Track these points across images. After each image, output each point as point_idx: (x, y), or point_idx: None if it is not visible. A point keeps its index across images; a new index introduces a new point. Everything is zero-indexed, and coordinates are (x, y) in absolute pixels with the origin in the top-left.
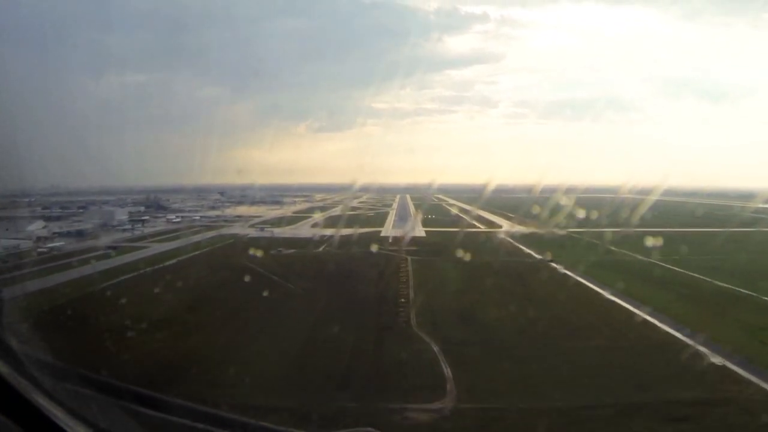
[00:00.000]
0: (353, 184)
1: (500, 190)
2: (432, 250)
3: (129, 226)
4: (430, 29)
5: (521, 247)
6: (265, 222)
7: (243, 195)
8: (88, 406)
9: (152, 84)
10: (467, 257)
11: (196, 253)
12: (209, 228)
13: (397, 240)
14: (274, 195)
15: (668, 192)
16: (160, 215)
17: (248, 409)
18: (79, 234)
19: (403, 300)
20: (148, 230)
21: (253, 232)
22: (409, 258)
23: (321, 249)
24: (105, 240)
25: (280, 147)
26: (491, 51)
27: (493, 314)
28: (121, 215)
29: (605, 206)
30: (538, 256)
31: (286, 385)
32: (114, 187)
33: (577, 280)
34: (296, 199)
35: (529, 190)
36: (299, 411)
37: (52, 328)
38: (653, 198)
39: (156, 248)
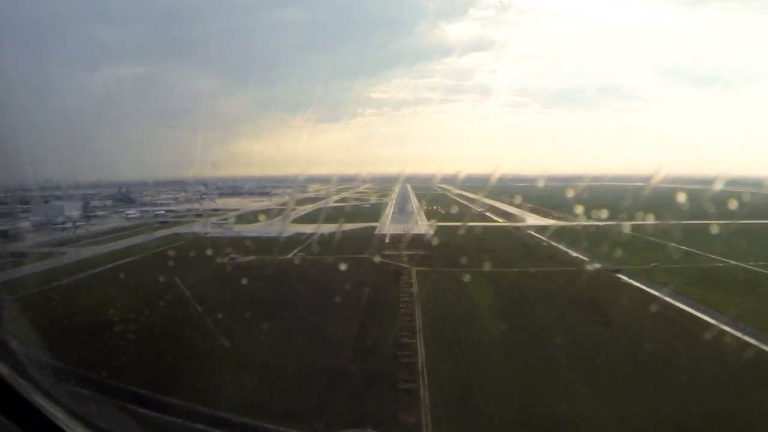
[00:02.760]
0: (352, 175)
1: (504, 179)
2: (444, 256)
3: (71, 225)
4: (428, 16)
5: (562, 248)
6: (240, 216)
7: (231, 186)
8: (88, 406)
9: (148, 77)
10: (497, 266)
11: (121, 262)
12: (167, 225)
13: (396, 240)
14: (266, 186)
15: (676, 180)
16: (121, 210)
17: None
18: (2, 235)
19: (404, 379)
20: (95, 228)
21: (215, 230)
22: (413, 270)
23: (292, 255)
24: (29, 242)
25: (279, 138)
26: (491, 38)
27: (595, 411)
28: (72, 211)
29: (626, 195)
30: (595, 264)
31: None
32: (109, 181)
33: (681, 308)
34: (288, 190)
35: (533, 179)
36: None
37: None
38: (672, 186)
39: (75, 255)
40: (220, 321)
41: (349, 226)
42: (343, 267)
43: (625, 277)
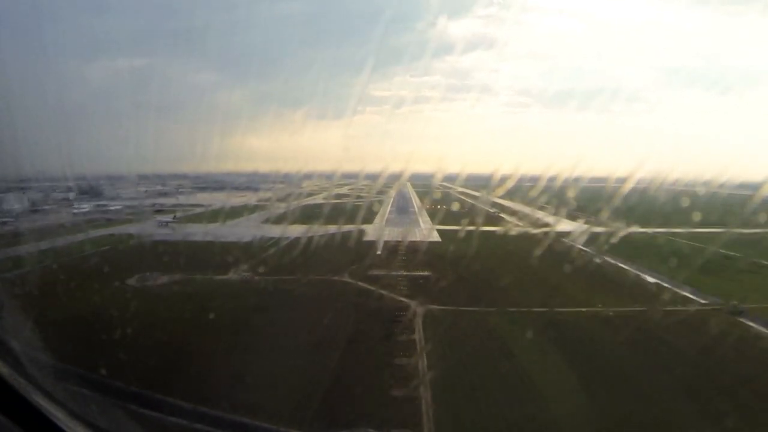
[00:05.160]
0: (352, 172)
1: (506, 179)
2: (463, 279)
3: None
4: (431, 13)
5: (625, 266)
6: (207, 213)
7: (218, 181)
8: (88, 406)
9: (146, 69)
10: (552, 303)
11: None
12: (113, 222)
13: (392, 252)
14: (257, 181)
15: (682, 182)
16: (77, 204)
17: None
18: None
19: None
20: (26, 225)
21: (163, 231)
22: (418, 310)
23: (237, 273)
24: None
25: (278, 134)
26: (493, 36)
27: None
28: (14, 204)
29: (647, 198)
30: (693, 296)
31: None
32: (104, 174)
33: None
34: (279, 185)
35: (536, 178)
36: None
37: None
38: (680, 189)
39: None
40: None
41: (333, 229)
42: (304, 301)
43: (762, 328)
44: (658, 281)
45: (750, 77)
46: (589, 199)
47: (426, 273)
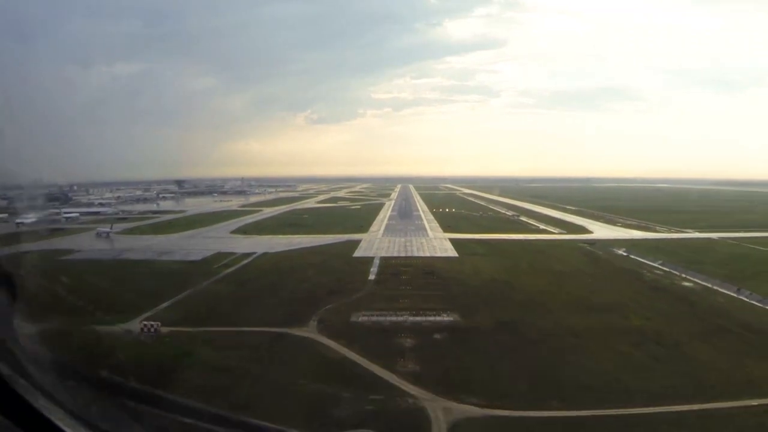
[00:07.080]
0: (352, 175)
1: (509, 180)
2: (505, 328)
3: None
4: (431, 13)
5: (730, 294)
6: (172, 222)
7: (209, 186)
8: (89, 407)
9: (144, 74)
10: (667, 376)
11: None
12: (54, 234)
13: (389, 276)
14: (251, 185)
15: (686, 182)
16: (31, 212)
17: None
18: None
19: None
20: None
21: (100, 245)
22: (435, 422)
23: (141, 324)
24: None
25: (278, 138)
26: (494, 37)
27: None
28: None
29: (669, 198)
30: None
31: None
32: (101, 181)
33: None
34: (274, 189)
35: (541, 180)
36: None
37: None
38: (685, 187)
39: None
40: None
41: (318, 240)
42: (207, 395)
43: None
44: None
45: (754, 78)
46: (612, 200)
47: (446, 317)
